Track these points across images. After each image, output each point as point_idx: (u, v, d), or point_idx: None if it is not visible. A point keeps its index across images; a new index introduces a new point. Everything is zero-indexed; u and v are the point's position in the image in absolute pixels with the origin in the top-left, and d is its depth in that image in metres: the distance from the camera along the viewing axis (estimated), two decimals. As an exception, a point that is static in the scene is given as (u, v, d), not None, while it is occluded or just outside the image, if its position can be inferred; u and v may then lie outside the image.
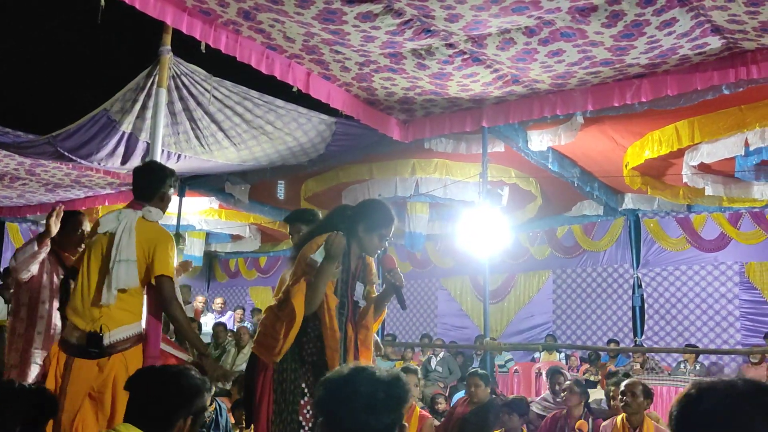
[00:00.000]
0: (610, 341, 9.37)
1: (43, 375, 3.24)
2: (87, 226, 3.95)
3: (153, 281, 3.04)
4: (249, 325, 9.47)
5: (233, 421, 5.41)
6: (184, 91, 5.60)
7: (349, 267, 2.94)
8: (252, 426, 3.20)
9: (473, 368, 7.76)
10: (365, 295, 3.05)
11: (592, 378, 7.46)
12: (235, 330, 9.16)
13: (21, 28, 9.25)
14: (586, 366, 8.59)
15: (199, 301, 10.24)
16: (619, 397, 4.42)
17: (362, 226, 2.92)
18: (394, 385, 1.67)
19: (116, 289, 2.99)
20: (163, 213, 3.29)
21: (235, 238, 11.84)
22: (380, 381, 1.66)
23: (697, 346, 8.60)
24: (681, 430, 1.40)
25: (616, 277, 9.95)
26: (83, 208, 8.80)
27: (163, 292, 3.04)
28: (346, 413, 1.61)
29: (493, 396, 5.26)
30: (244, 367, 7.19)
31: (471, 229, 6.37)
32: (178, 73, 5.35)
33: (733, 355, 8.64)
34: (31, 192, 9.16)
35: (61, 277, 3.80)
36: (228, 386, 6.27)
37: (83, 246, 3.75)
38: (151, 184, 3.27)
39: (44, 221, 3.81)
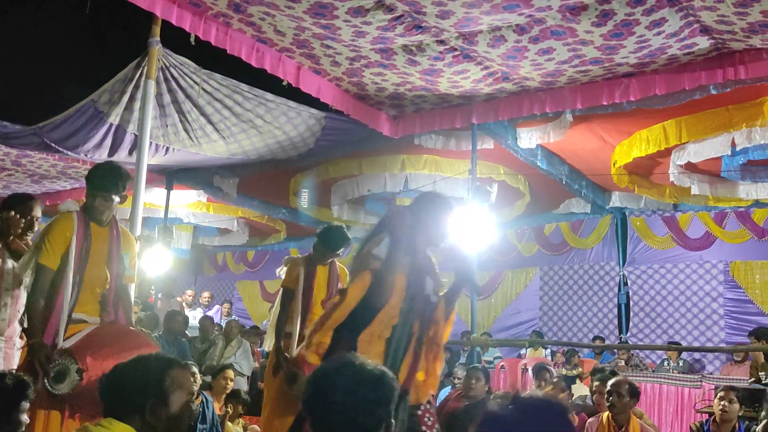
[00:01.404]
0: (595, 338, 9.43)
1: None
2: (38, 212, 3.85)
3: None
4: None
5: (220, 413, 5.40)
6: (173, 84, 5.57)
7: (417, 261, 2.86)
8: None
9: (460, 363, 7.77)
10: (436, 289, 2.97)
11: (565, 373, 7.50)
12: (221, 324, 9.14)
13: (8, 17, 9.15)
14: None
15: (188, 294, 10.20)
16: (606, 396, 4.43)
17: (424, 215, 2.87)
18: (380, 383, 1.65)
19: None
20: (96, 208, 3.24)
21: (223, 231, 11.79)
22: (365, 378, 1.64)
23: (681, 344, 8.69)
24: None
25: (603, 275, 10.01)
26: (69, 199, 8.74)
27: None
28: (331, 410, 1.60)
29: (489, 393, 5.25)
30: (231, 360, 7.21)
31: (459, 225, 6.38)
32: (167, 65, 5.32)
33: (716, 353, 8.74)
34: (16, 183, 9.08)
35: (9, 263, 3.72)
36: (210, 379, 6.25)
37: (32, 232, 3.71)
38: (87, 181, 3.36)
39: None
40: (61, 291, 3.13)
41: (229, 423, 5.28)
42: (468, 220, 6.23)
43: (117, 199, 3.28)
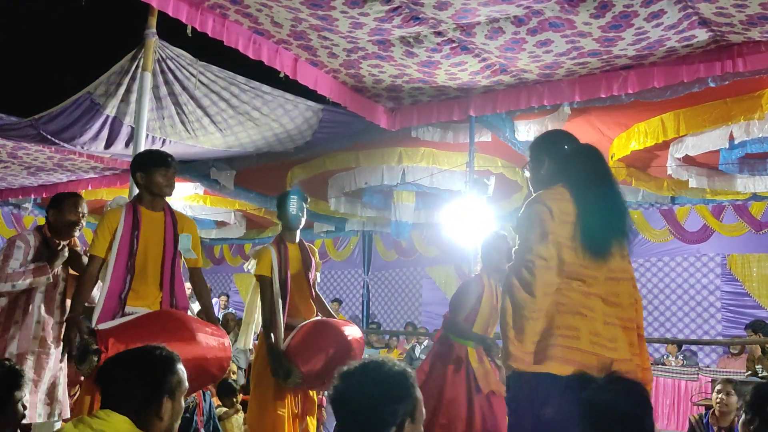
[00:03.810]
0: (593, 331, 9.45)
1: None
2: (85, 208, 3.90)
3: None
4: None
5: (218, 404, 5.42)
6: (170, 76, 5.53)
7: None
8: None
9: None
10: None
11: None
12: (219, 316, 9.13)
13: (2, 7, 9.09)
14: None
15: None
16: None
17: None
18: (401, 379, 1.72)
19: None
20: (154, 193, 3.46)
21: (220, 224, 11.76)
22: (388, 375, 1.72)
23: (678, 337, 8.73)
24: None
25: (600, 268, 10.01)
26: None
27: None
28: (345, 409, 1.70)
29: None
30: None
31: (457, 218, 6.37)
32: (164, 56, 5.28)
33: (713, 346, 8.76)
34: (12, 175, 9.05)
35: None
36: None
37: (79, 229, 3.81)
38: (138, 168, 3.53)
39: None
40: (107, 278, 3.28)
41: (232, 420, 5.28)
42: (465, 213, 6.23)
43: (174, 172, 3.46)
